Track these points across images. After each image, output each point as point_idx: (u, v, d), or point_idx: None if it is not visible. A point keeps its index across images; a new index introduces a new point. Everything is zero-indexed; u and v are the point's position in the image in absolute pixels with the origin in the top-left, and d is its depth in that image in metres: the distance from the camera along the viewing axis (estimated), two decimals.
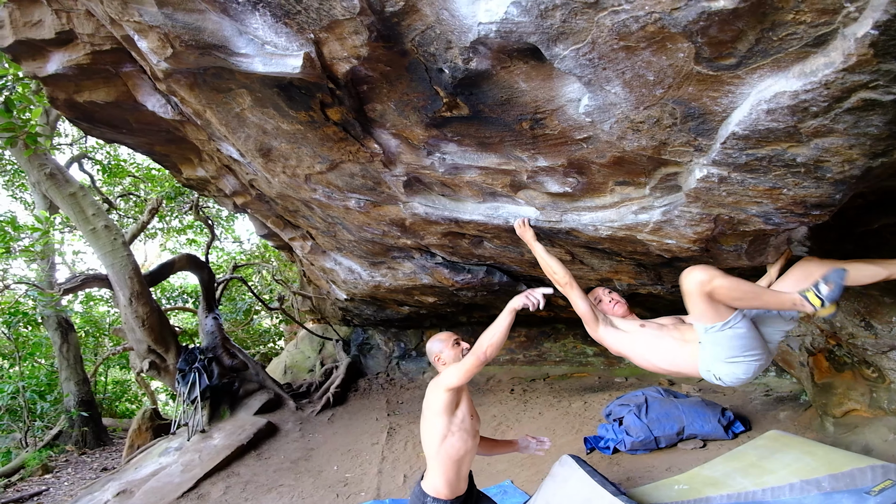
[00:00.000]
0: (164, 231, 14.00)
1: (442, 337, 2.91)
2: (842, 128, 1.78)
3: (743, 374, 2.58)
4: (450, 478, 2.64)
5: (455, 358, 2.78)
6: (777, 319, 2.66)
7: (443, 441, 2.64)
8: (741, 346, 2.52)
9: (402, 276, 5.85)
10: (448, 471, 2.64)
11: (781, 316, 2.65)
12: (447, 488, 2.64)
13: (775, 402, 5.36)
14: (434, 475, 2.67)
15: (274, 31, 2.36)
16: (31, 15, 3.71)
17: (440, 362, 2.83)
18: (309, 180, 3.92)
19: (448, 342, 2.86)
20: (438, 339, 2.90)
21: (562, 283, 3.03)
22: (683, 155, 2.29)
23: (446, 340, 2.87)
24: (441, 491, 2.64)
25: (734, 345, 2.53)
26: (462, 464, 2.67)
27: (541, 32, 1.86)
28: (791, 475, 3.21)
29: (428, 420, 2.70)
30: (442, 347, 2.85)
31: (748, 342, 2.52)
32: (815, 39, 1.58)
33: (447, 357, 2.81)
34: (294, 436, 7.21)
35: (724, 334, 2.52)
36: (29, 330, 11.18)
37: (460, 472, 2.67)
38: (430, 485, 2.67)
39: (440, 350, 2.85)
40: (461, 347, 2.83)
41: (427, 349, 2.95)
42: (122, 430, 11.82)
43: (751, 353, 2.54)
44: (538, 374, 8.64)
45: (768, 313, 2.65)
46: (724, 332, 2.51)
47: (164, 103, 4.19)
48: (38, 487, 7.92)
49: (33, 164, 6.78)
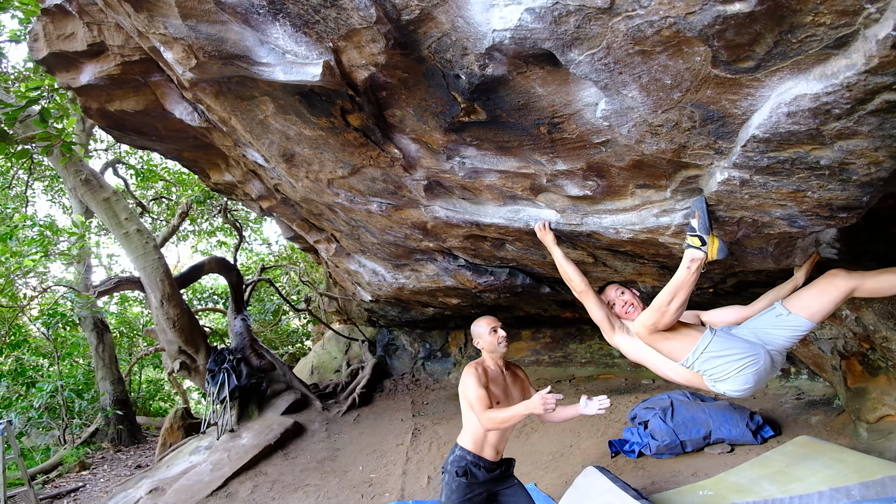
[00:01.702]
0: (195, 233, 14.32)
1: (483, 322, 3.23)
2: (866, 130, 1.73)
3: (744, 384, 2.56)
4: (476, 437, 3.08)
5: (491, 344, 3.15)
6: (775, 327, 2.63)
7: (469, 416, 3.10)
8: (724, 364, 2.55)
9: (425, 278, 5.88)
10: (475, 432, 3.08)
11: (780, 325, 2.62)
12: (472, 443, 3.08)
13: (807, 406, 5.23)
14: (465, 431, 3.15)
15: (294, 41, 2.40)
16: (64, 28, 3.83)
17: (479, 345, 3.21)
18: (331, 185, 3.97)
19: (487, 328, 3.18)
20: (480, 324, 3.23)
21: (578, 290, 3.05)
22: (704, 158, 2.26)
23: (486, 326, 3.19)
24: (468, 443, 3.10)
25: (716, 365, 2.57)
26: (488, 435, 3.07)
27: (555, 38, 1.86)
28: (820, 483, 3.13)
29: (460, 393, 3.11)
30: (482, 332, 3.19)
31: (729, 358, 2.54)
32: (835, 41, 1.54)
33: (485, 343, 3.18)
34: (320, 436, 7.31)
35: (700, 361, 2.59)
36: (67, 330, 11.53)
37: (486, 437, 3.08)
38: (462, 437, 3.15)
39: (479, 334, 3.21)
40: (497, 335, 3.15)
41: (471, 329, 3.30)
42: (156, 428, 12.12)
43: (738, 365, 2.53)
44: (564, 376, 8.59)
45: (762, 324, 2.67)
46: (700, 358, 2.58)
47: (191, 111, 4.28)
48: (76, 484, 8.18)
49: (69, 171, 7.02)
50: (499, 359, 3.22)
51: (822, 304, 2.55)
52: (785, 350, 2.64)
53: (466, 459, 3.06)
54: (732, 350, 2.54)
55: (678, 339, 2.61)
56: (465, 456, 3.07)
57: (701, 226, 2.44)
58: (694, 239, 2.45)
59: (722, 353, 2.54)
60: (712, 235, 2.45)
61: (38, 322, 11.10)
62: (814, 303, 2.56)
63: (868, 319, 3.74)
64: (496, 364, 3.21)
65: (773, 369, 2.61)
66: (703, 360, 2.57)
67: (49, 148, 5.04)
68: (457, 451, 3.11)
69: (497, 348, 3.15)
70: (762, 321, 2.69)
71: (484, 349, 3.20)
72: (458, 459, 3.07)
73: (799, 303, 2.62)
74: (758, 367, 2.53)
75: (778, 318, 2.63)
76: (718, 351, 2.55)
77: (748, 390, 2.59)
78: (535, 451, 5.66)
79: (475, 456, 3.06)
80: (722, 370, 2.56)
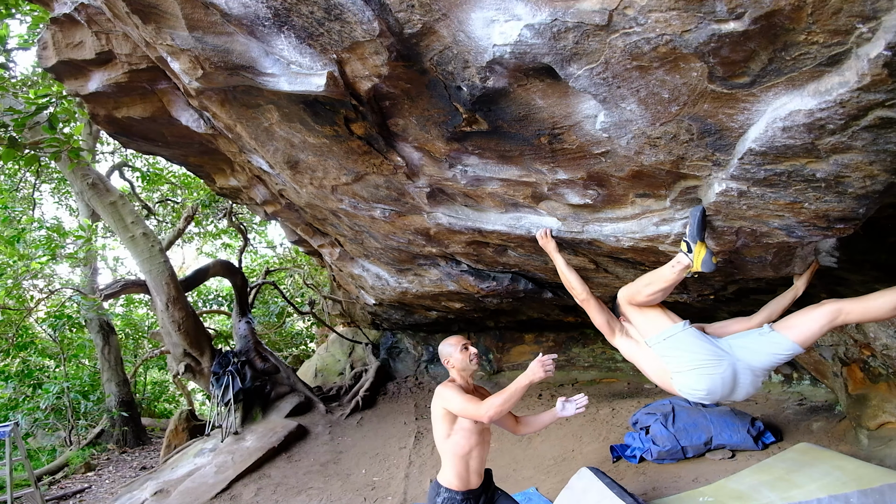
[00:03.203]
0: (201, 235, 14.40)
1: (452, 341, 3.10)
2: (860, 145, 1.76)
3: (696, 384, 2.64)
4: (459, 471, 2.88)
5: (462, 362, 3.00)
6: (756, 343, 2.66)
7: (446, 439, 2.90)
8: (684, 356, 2.66)
9: (428, 282, 5.92)
10: (457, 465, 2.88)
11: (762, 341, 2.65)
12: (457, 480, 2.88)
13: (809, 412, 5.23)
14: (445, 468, 2.93)
15: (299, 52, 2.44)
16: (73, 37, 3.89)
17: (449, 365, 3.05)
18: (335, 191, 4.01)
19: (457, 346, 3.04)
20: (448, 343, 3.10)
21: (579, 298, 3.11)
22: (702, 169, 2.29)
23: (455, 345, 3.06)
24: (452, 482, 2.88)
25: (676, 355, 2.69)
26: (469, 459, 2.90)
27: (554, 53, 1.90)
28: (819, 490, 3.15)
29: (433, 420, 2.98)
30: (451, 351, 3.04)
31: (691, 354, 2.64)
32: (828, 59, 1.57)
33: (455, 361, 3.02)
34: (324, 439, 7.34)
35: (664, 346, 2.73)
36: (73, 332, 11.61)
37: (468, 466, 2.90)
38: (443, 476, 2.92)
39: (449, 353, 3.05)
40: (469, 352, 3.03)
41: (439, 351, 3.15)
42: (160, 429, 12.17)
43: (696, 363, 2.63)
44: (566, 380, 8.59)
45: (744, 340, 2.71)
46: (664, 344, 2.72)
47: (197, 118, 4.34)
48: (82, 485, 8.24)
49: (77, 175, 7.10)
50: (469, 377, 3.05)
51: (809, 327, 2.55)
52: (761, 371, 2.63)
53: (457, 500, 2.86)
54: (697, 348, 2.64)
55: (652, 317, 2.80)
56: (454, 497, 2.86)
57: (690, 233, 2.52)
58: (684, 244, 2.54)
59: (685, 348, 2.66)
60: (701, 245, 2.47)
61: (45, 324, 11.18)
62: (800, 324, 2.57)
63: (869, 327, 3.76)
64: (467, 383, 3.05)
65: (736, 387, 2.62)
66: (667, 346, 2.71)
67: (57, 153, 5.10)
68: (443, 495, 2.87)
69: (469, 366, 3.00)
70: (746, 337, 2.73)
71: (455, 367, 3.02)
72: (447, 503, 2.86)
73: (785, 323, 2.64)
74: (714, 372, 2.58)
75: (761, 335, 2.67)
76: (684, 345, 2.67)
77: (702, 396, 2.65)
78: (537, 456, 5.67)
79: (464, 494, 2.86)
80: (680, 362, 2.67)
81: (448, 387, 2.91)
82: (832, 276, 3.23)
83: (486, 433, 3.00)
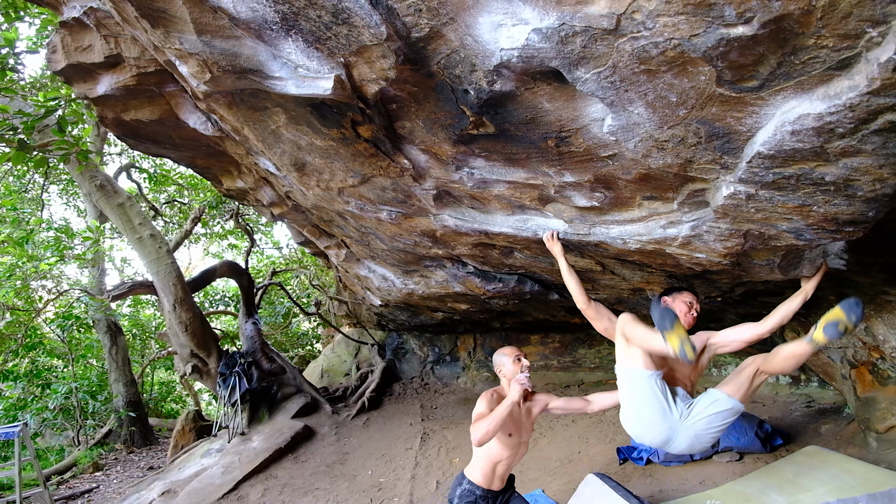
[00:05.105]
0: (208, 236, 14.45)
1: (506, 351, 3.21)
2: (870, 148, 1.75)
3: (629, 426, 2.85)
4: (486, 472, 3.05)
5: (514, 373, 3.08)
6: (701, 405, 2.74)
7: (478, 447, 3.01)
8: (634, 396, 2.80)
9: (434, 284, 5.92)
10: (485, 466, 3.05)
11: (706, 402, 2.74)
12: (482, 478, 3.05)
13: (817, 415, 5.20)
14: (474, 463, 3.11)
15: (306, 56, 2.45)
16: (82, 40, 3.92)
17: (501, 373, 3.18)
18: (342, 193, 4.02)
19: (511, 357, 3.16)
20: (503, 353, 3.22)
21: (581, 306, 3.21)
22: (710, 172, 2.28)
23: (510, 355, 3.17)
24: (476, 477, 3.06)
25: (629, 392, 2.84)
26: (498, 465, 3.05)
27: (562, 57, 1.90)
28: (827, 493, 3.13)
29: None
30: (505, 361, 3.17)
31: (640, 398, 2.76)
32: (838, 63, 1.57)
33: (507, 371, 3.13)
34: (330, 439, 7.36)
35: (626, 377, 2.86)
36: (81, 333, 11.68)
37: (495, 470, 3.06)
38: (470, 470, 3.11)
39: (502, 363, 3.18)
40: (521, 364, 3.11)
41: (493, 359, 3.29)
42: (168, 429, 12.23)
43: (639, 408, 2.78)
44: (572, 381, 8.57)
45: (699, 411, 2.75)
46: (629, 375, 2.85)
47: (205, 121, 4.36)
48: (89, 485, 8.28)
49: (85, 177, 7.14)
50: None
51: (739, 381, 2.75)
52: (706, 435, 2.72)
53: (475, 494, 3.03)
54: (648, 399, 2.73)
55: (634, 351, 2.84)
56: (473, 490, 3.03)
57: (658, 325, 2.44)
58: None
59: (638, 395, 2.77)
60: (671, 336, 2.37)
61: (54, 324, 11.26)
62: (733, 379, 2.78)
63: (878, 329, 3.73)
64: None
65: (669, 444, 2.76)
66: (628, 380, 2.84)
67: (66, 156, 5.14)
68: (465, 485, 3.06)
69: (519, 377, 3.02)
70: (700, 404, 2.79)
71: (505, 377, 3.14)
72: (466, 494, 3.04)
73: (725, 381, 2.82)
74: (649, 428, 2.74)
75: (705, 396, 2.78)
76: (639, 391, 2.76)
77: (633, 434, 2.85)
78: (544, 458, 5.67)
79: (484, 490, 3.03)
80: (629, 400, 2.84)
81: (484, 395, 3.05)
82: (840, 278, 3.21)
83: (522, 447, 3.13)
